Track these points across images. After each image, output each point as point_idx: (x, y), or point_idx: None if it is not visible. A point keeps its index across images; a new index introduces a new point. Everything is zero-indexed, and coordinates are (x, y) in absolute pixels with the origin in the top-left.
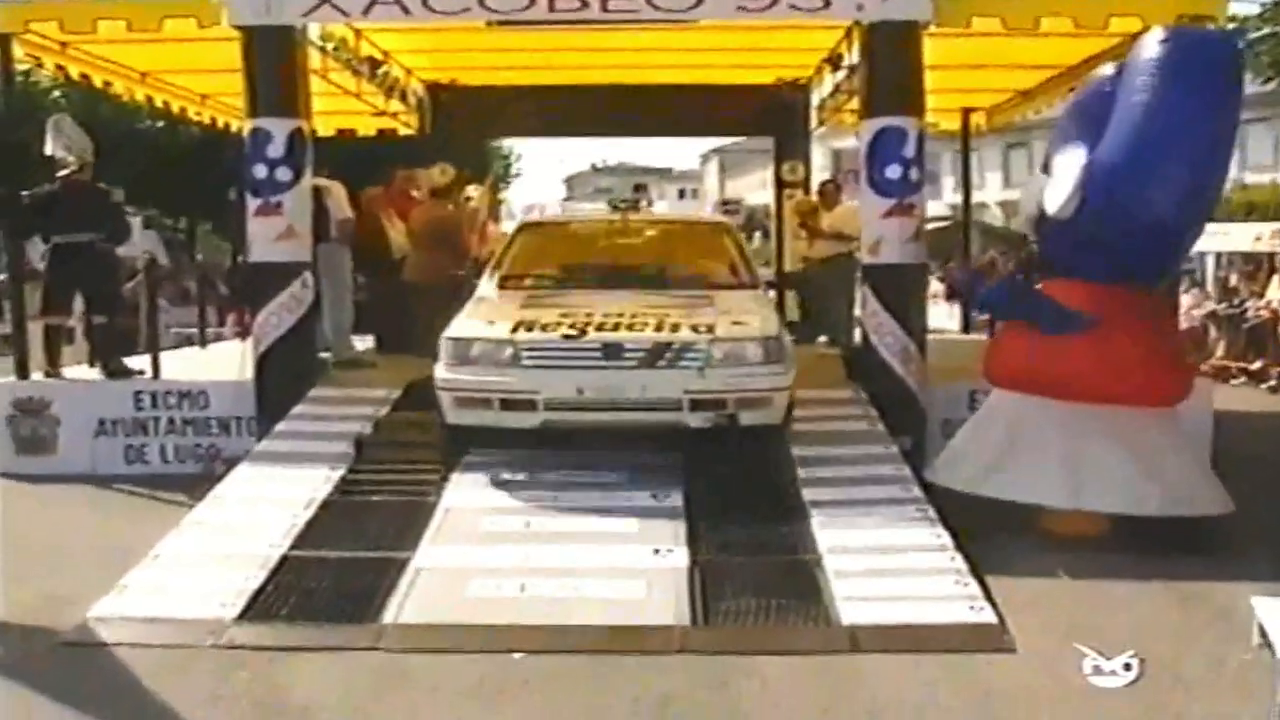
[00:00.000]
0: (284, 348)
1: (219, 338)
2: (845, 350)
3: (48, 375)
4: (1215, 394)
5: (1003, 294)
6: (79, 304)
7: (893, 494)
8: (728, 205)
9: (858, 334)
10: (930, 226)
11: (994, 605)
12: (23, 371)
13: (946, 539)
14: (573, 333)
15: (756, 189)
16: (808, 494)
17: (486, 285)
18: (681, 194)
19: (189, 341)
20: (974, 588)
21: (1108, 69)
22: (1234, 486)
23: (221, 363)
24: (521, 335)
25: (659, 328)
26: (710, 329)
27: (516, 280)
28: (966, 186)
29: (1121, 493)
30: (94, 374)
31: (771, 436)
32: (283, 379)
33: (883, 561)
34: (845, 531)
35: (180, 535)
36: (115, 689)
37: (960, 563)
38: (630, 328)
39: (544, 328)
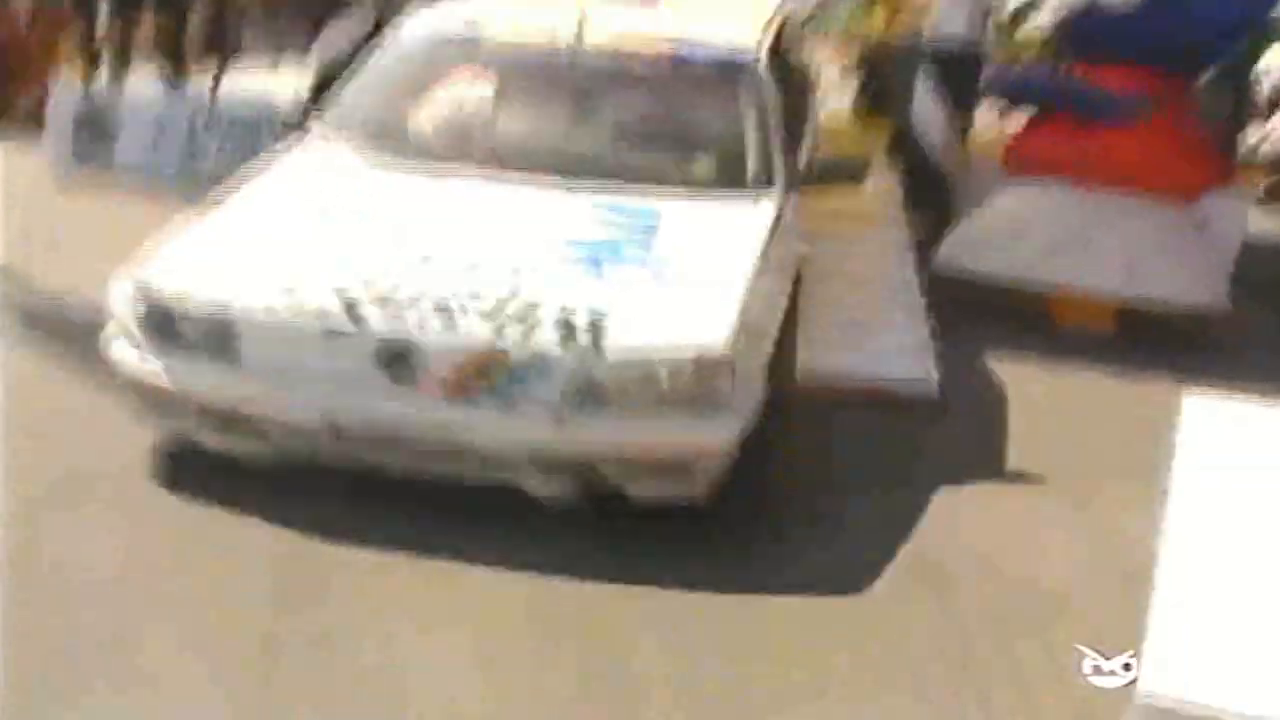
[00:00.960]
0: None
1: None
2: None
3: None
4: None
5: (1044, 79)
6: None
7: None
8: None
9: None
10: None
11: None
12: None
13: (921, 315)
14: (335, 310)
15: None
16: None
17: (315, 130)
18: None
19: None
20: (928, 359)
21: None
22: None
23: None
24: (241, 303)
25: (502, 309)
26: (597, 322)
27: (361, 133)
28: None
29: (1174, 281)
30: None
31: None
32: None
33: (850, 331)
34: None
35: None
36: None
37: (925, 336)
38: (452, 310)
39: (292, 290)
